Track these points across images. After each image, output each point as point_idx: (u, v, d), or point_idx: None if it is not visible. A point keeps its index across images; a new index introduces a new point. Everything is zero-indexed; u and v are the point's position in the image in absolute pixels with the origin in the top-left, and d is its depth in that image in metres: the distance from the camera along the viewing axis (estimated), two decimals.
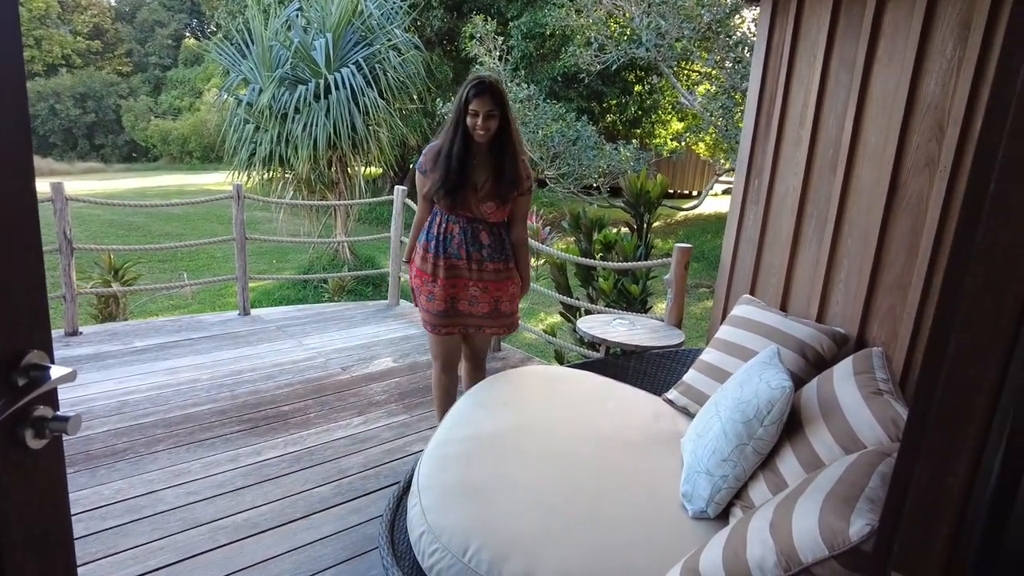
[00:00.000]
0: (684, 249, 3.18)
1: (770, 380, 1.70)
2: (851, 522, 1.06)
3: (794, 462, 1.64)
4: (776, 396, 1.66)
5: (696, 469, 1.78)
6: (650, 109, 14.14)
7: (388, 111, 8.27)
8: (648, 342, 2.90)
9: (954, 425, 0.48)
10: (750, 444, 1.69)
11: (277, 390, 3.50)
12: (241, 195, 4.52)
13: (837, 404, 1.69)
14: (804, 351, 2.22)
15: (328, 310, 5.02)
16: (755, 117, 2.86)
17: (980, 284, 0.51)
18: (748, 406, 1.71)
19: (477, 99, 2.33)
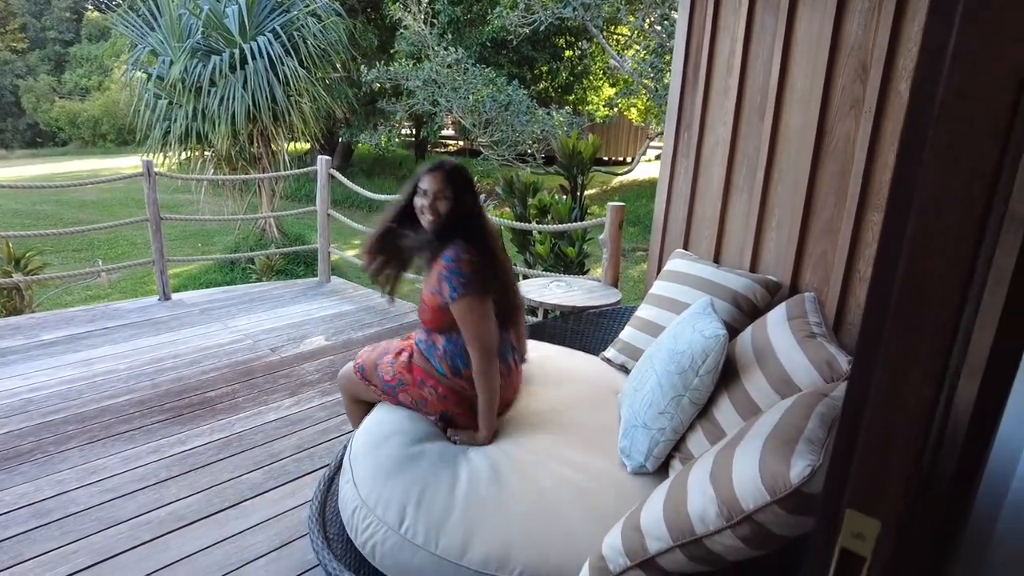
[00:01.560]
0: (617, 208, 3.14)
1: (704, 329, 1.66)
2: (791, 464, 1.02)
3: (731, 410, 1.62)
4: (711, 345, 1.62)
5: (633, 423, 1.75)
6: (581, 75, 14.07)
7: (310, 81, 7.91)
8: (585, 302, 2.85)
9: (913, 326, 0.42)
10: (686, 395, 1.66)
11: (202, 375, 3.30)
12: (151, 172, 4.22)
13: (771, 349, 1.67)
14: (738, 301, 2.20)
15: (255, 291, 4.79)
16: (682, 69, 2.81)
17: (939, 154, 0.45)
18: (683, 357, 1.67)
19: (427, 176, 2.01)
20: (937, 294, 0.43)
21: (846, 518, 0.42)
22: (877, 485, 0.42)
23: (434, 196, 1.93)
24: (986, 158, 0.46)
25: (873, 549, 0.42)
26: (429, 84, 7.74)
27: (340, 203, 12.64)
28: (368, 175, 15.18)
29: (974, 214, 0.45)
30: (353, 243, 11.32)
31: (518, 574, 1.36)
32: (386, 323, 4.20)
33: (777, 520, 1.02)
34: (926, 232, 0.45)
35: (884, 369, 0.42)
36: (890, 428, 0.42)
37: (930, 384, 0.44)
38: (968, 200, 0.46)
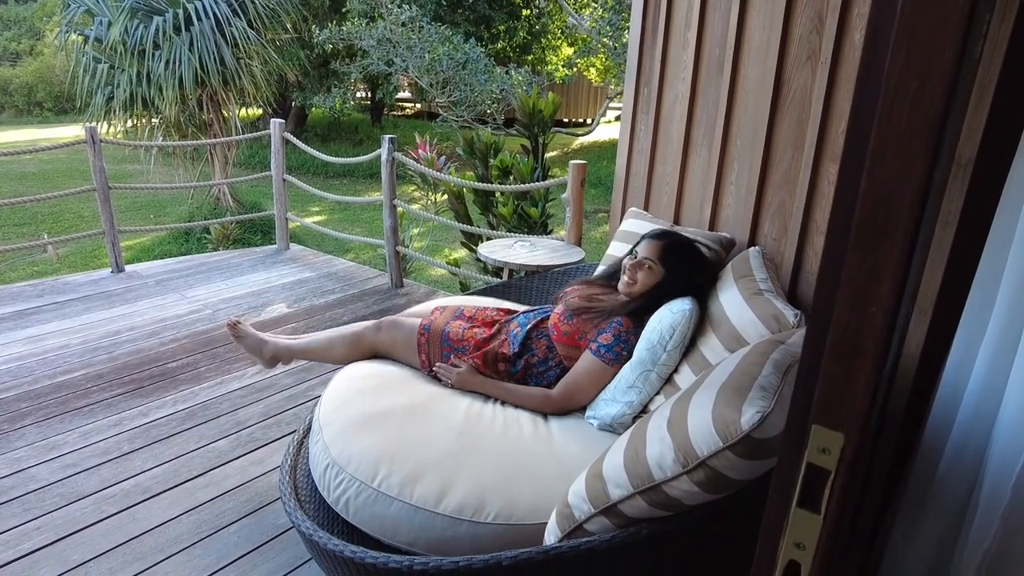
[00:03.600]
0: (579, 166, 3.13)
1: (671, 305, 1.69)
2: (743, 411, 1.05)
3: (689, 373, 1.66)
4: (678, 320, 1.66)
5: (601, 397, 1.78)
6: (539, 34, 13.87)
7: (260, 42, 7.62)
8: (548, 261, 2.86)
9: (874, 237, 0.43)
10: (655, 370, 1.69)
11: (162, 347, 3.23)
12: (96, 139, 4.04)
13: (722, 310, 1.71)
14: None
15: (212, 260, 4.67)
16: (641, 23, 2.79)
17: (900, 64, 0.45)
18: (652, 333, 1.70)
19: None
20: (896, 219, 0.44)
21: (812, 433, 0.44)
22: (842, 400, 0.43)
23: (638, 263, 1.92)
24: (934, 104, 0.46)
25: (838, 460, 0.44)
26: (383, 44, 7.54)
27: (296, 169, 12.33)
28: (324, 140, 14.81)
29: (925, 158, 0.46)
30: (311, 209, 11.12)
31: (492, 517, 1.39)
32: (349, 288, 4.16)
33: (731, 465, 1.05)
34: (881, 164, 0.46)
35: (847, 291, 0.44)
36: (854, 344, 0.43)
37: (887, 308, 0.45)
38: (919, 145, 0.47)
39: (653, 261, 1.91)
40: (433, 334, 2.02)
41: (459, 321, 2.09)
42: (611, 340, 1.79)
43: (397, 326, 2.07)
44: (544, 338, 1.96)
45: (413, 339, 2.03)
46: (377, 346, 2.07)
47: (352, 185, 12.40)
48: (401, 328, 2.06)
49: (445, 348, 1.99)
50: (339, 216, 10.41)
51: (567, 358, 1.91)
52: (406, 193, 9.34)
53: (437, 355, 1.99)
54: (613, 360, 1.78)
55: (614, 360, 1.78)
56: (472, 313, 2.17)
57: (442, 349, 1.99)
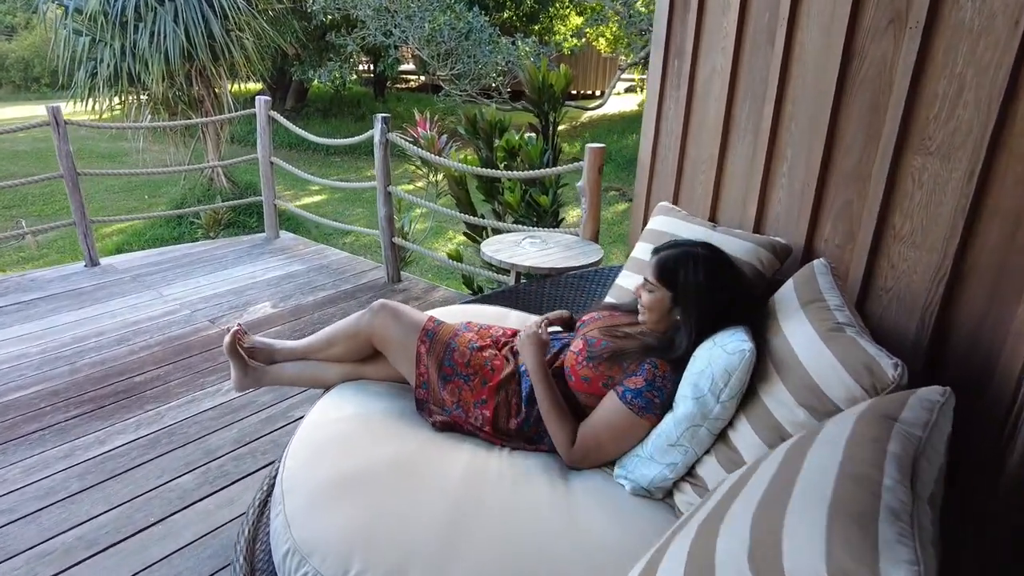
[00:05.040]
0: (596, 150, 2.74)
1: (726, 343, 1.32)
2: (880, 571, 0.69)
3: (750, 433, 1.30)
4: (734, 363, 1.29)
5: (636, 453, 1.43)
6: (547, 2, 13.29)
7: (251, 13, 7.17)
8: (562, 263, 2.50)
9: None
10: (704, 425, 1.33)
11: (130, 356, 2.90)
12: (60, 120, 3.67)
13: (790, 349, 1.32)
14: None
15: (195, 251, 4.32)
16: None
17: None
18: (701, 377, 1.33)
19: None
20: None
21: None
22: None
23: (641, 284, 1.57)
24: None
25: None
26: (381, 13, 7.07)
27: (295, 146, 11.92)
28: (325, 116, 14.37)
29: None
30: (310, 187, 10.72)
31: None
32: (341, 284, 3.80)
33: None
34: None
35: None
36: None
37: None
38: None
39: (653, 281, 1.54)
40: (436, 344, 1.67)
41: (469, 334, 1.74)
42: (642, 384, 1.44)
43: (396, 316, 1.72)
44: (560, 382, 1.61)
45: (412, 343, 1.68)
46: (372, 336, 1.73)
47: (353, 162, 11.98)
48: (400, 320, 1.71)
49: (446, 368, 1.64)
50: (340, 195, 10.02)
51: (587, 406, 1.56)
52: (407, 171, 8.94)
53: (434, 375, 1.64)
54: (643, 409, 1.42)
55: (644, 409, 1.42)
56: (477, 329, 1.83)
57: (443, 369, 1.64)
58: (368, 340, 1.74)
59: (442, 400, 1.62)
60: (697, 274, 1.49)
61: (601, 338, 1.59)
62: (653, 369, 1.44)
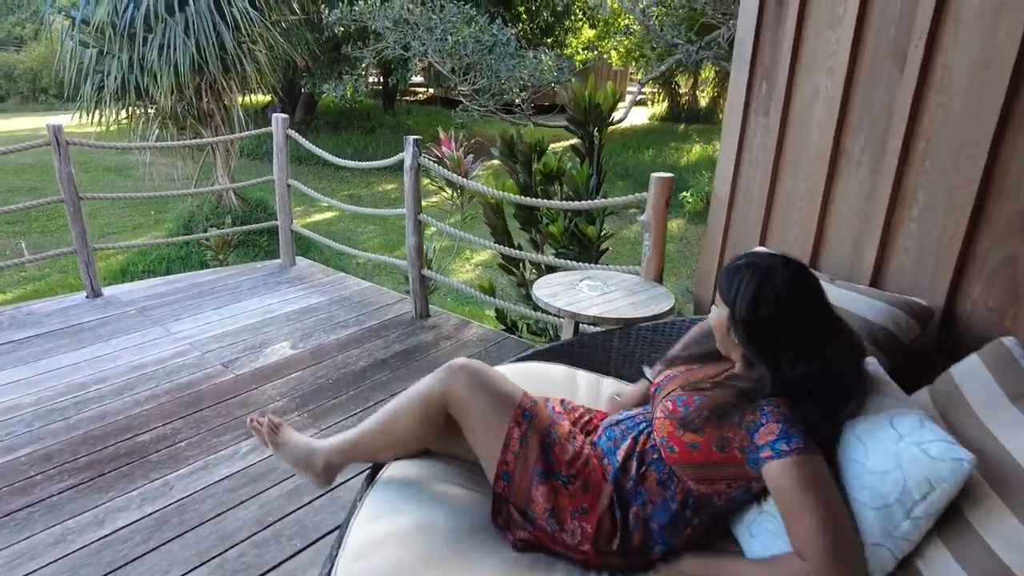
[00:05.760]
0: (664, 180, 2.43)
1: (928, 444, 1.00)
2: None
3: (953, 569, 0.96)
4: (942, 474, 0.97)
5: None
6: (562, 14, 13.05)
7: (264, 24, 6.90)
8: (631, 311, 2.17)
9: None
10: (886, 545, 1.00)
11: (134, 409, 2.58)
12: (61, 140, 3.37)
13: (1014, 464, 1.00)
14: (873, 335, 1.53)
15: (205, 280, 4.01)
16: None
17: None
18: (884, 482, 1.01)
19: None
20: None
21: None
22: None
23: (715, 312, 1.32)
24: None
25: None
26: (400, 25, 6.79)
27: (306, 161, 11.64)
28: (335, 128, 14.13)
29: None
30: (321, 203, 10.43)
31: None
32: (365, 319, 3.48)
33: None
34: None
35: None
36: None
37: None
38: None
39: (719, 297, 1.29)
40: (534, 430, 1.33)
41: (566, 423, 1.41)
42: (779, 427, 1.12)
43: (482, 381, 1.36)
44: (651, 467, 1.28)
45: (500, 421, 1.32)
46: (448, 402, 1.36)
47: (364, 176, 11.71)
48: (486, 387, 1.35)
49: (539, 463, 1.30)
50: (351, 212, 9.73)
51: (703, 481, 1.23)
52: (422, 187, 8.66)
53: (528, 468, 1.30)
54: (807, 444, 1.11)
55: (807, 446, 1.10)
56: (564, 411, 1.50)
57: (540, 463, 1.31)
58: (442, 409, 1.37)
59: (529, 501, 1.29)
60: (755, 287, 1.20)
61: (691, 393, 1.28)
62: (775, 408, 1.14)
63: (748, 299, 1.21)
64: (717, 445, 1.19)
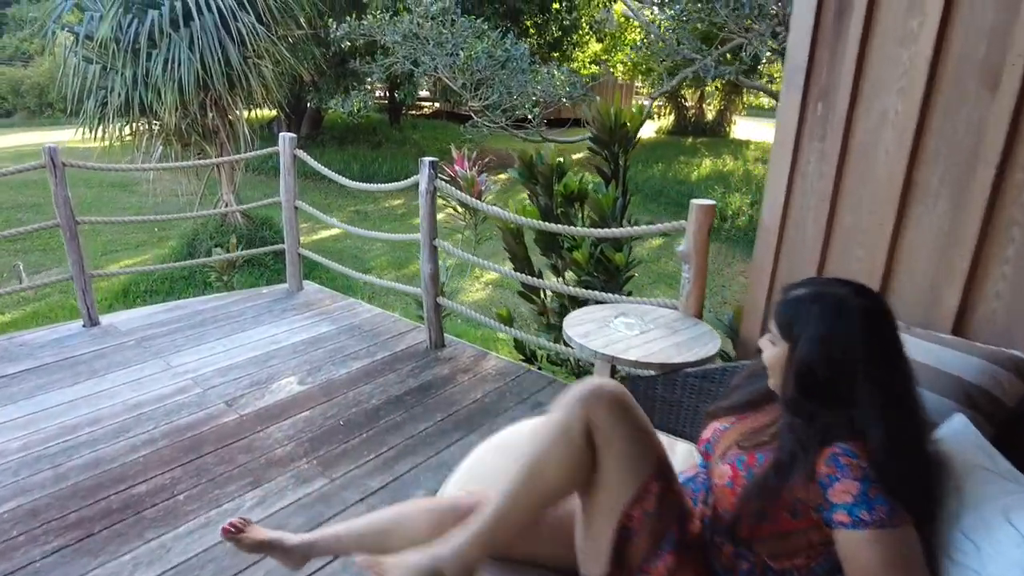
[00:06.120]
0: (706, 208, 2.24)
1: None
2: None
3: None
4: None
5: None
6: (570, 29, 12.96)
7: (271, 39, 6.77)
8: (676, 354, 1.97)
9: None
10: None
11: (130, 455, 2.38)
12: (58, 163, 3.20)
13: None
14: (971, 398, 1.33)
15: (208, 307, 3.82)
16: (816, 4, 1.89)
17: None
18: None
19: None
20: None
21: None
22: None
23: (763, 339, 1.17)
24: None
25: None
26: (410, 39, 6.65)
27: (313, 175, 11.50)
28: (341, 143, 14.03)
29: None
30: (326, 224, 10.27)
31: None
32: (377, 350, 3.29)
33: None
34: None
35: None
36: None
37: None
38: None
39: (771, 329, 1.12)
40: (672, 494, 1.14)
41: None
42: (858, 487, 0.95)
43: (628, 409, 1.13)
44: (724, 539, 1.10)
45: (641, 468, 1.11)
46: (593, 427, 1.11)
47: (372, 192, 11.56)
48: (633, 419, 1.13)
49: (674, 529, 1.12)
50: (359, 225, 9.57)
51: (778, 556, 1.06)
52: None
53: (657, 536, 1.10)
54: (892, 513, 0.93)
55: (892, 513, 0.93)
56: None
57: (670, 528, 1.11)
58: (587, 439, 1.11)
59: (646, 567, 1.09)
60: (825, 320, 1.04)
61: (750, 450, 1.10)
62: (851, 458, 0.97)
63: (815, 337, 1.04)
64: (789, 511, 1.02)
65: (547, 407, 2.62)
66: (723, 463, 1.14)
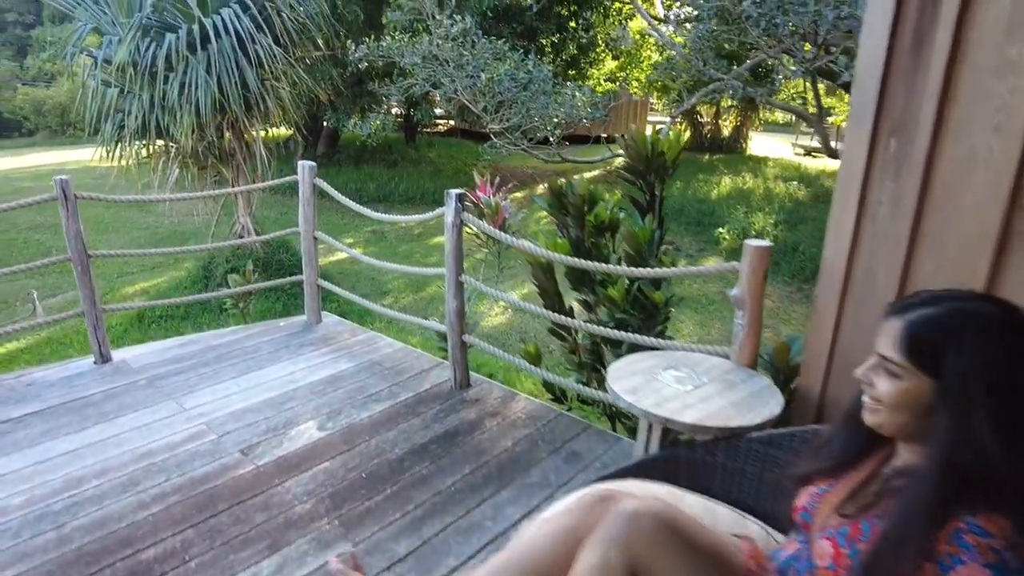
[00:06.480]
0: (761, 250, 2.05)
1: None
2: None
3: None
4: None
5: None
6: (587, 47, 12.87)
7: (288, 61, 6.70)
8: (736, 414, 1.78)
9: None
10: None
11: (139, 513, 2.22)
12: (70, 195, 3.09)
13: None
14: None
15: (223, 342, 3.67)
16: (890, 24, 1.71)
17: None
18: None
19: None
20: None
21: None
22: None
23: (872, 367, 0.97)
24: None
25: None
26: (429, 61, 6.54)
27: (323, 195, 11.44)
28: (357, 162, 13.99)
29: None
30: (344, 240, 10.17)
31: None
32: (399, 391, 3.12)
33: None
34: None
35: None
36: None
37: None
38: None
39: (899, 360, 0.92)
40: None
41: None
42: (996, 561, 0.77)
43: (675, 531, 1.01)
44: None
45: None
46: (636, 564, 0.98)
47: (388, 211, 11.46)
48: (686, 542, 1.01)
49: None
50: (375, 250, 9.46)
51: None
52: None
53: None
54: None
55: None
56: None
57: None
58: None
59: None
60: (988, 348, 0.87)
61: (854, 519, 0.95)
62: (981, 537, 0.78)
63: (979, 371, 0.85)
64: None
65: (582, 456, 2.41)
66: (823, 538, 0.99)
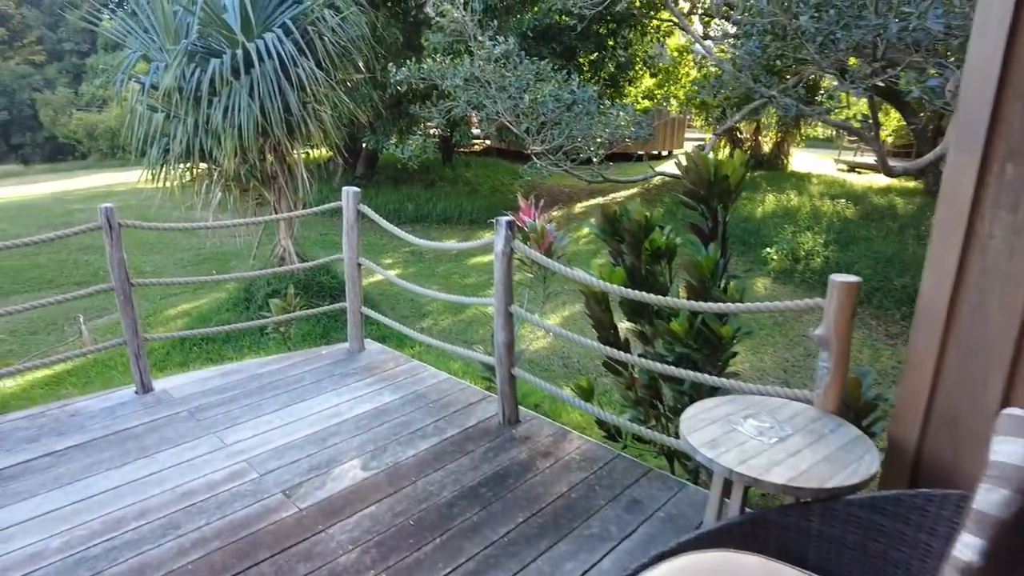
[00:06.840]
0: (849, 287, 1.87)
1: None
2: None
3: None
4: None
5: None
6: (626, 65, 12.75)
7: (329, 84, 6.72)
8: (831, 471, 1.59)
9: None
10: None
11: (178, 560, 2.11)
12: (114, 223, 3.05)
13: None
14: None
15: (264, 371, 3.59)
16: (1007, 30, 1.53)
17: None
18: None
19: None
20: None
21: None
22: None
23: None
24: None
25: None
26: (471, 83, 6.48)
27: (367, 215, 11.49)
28: (395, 183, 14.07)
29: None
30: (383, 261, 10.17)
31: None
32: (446, 426, 2.98)
33: None
34: None
35: None
36: None
37: None
38: None
39: None
40: None
41: None
42: None
43: None
44: None
45: None
46: None
47: (427, 231, 11.46)
48: None
49: None
50: (413, 271, 9.42)
51: None
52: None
53: None
54: None
55: None
56: None
57: None
58: None
59: None
60: None
61: None
62: None
63: None
64: None
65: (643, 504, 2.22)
66: None
